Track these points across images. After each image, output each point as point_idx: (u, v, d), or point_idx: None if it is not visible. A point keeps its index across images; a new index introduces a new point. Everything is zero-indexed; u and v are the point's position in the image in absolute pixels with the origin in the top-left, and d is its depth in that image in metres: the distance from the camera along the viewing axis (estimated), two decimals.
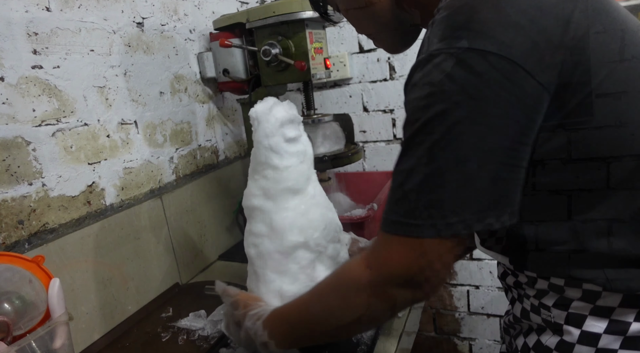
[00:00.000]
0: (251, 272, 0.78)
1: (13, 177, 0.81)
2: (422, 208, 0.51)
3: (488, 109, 0.48)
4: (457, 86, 0.48)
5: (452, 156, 0.49)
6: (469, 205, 0.50)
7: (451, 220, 0.50)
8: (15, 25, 0.81)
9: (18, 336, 0.67)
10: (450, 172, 0.50)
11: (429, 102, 0.50)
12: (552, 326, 0.60)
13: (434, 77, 0.50)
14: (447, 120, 0.49)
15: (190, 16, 1.27)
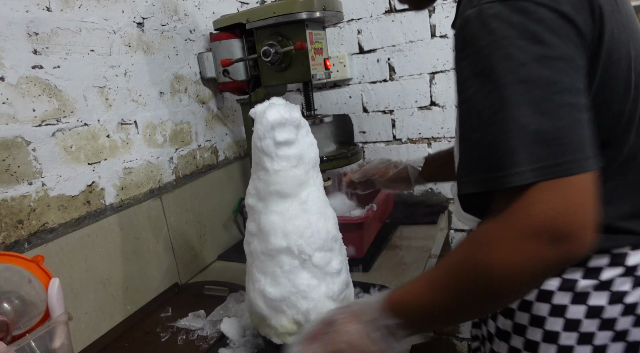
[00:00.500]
0: (247, 269, 0.79)
1: (13, 177, 0.81)
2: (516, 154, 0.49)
3: (550, 51, 0.50)
4: (519, 31, 0.50)
5: (525, 98, 0.49)
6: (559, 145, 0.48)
7: (556, 161, 0.48)
8: (16, 25, 0.81)
9: (17, 336, 0.67)
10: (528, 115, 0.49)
11: (491, 49, 0.51)
12: None
13: (493, 26, 0.51)
14: (512, 64, 0.50)
15: (190, 16, 1.27)
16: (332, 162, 1.17)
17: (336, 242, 0.76)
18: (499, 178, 0.50)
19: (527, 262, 0.49)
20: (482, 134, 0.52)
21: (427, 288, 0.58)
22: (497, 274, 0.50)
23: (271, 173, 0.71)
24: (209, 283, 1.13)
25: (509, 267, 0.50)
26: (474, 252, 0.53)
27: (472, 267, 0.52)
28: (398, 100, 1.54)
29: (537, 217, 0.48)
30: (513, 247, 0.49)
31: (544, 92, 0.49)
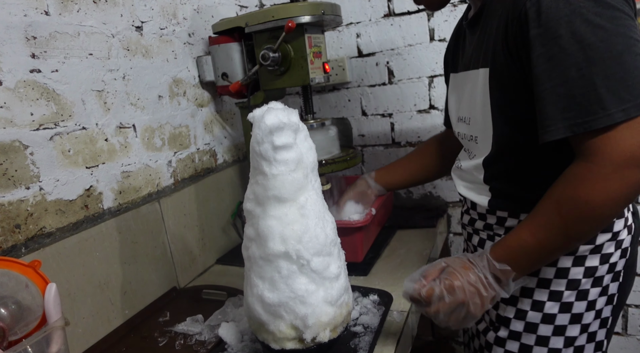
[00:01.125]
0: (245, 274, 0.79)
1: (10, 181, 0.80)
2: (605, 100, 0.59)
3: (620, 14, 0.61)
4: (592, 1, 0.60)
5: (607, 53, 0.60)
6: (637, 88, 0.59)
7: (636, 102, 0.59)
8: (14, 29, 0.81)
9: (14, 341, 0.67)
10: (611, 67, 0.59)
11: (570, 18, 0.60)
12: None
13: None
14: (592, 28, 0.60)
15: (189, 20, 1.27)
16: (331, 166, 1.17)
17: (335, 247, 0.76)
18: (591, 121, 0.60)
19: (623, 189, 0.61)
20: (570, 87, 0.61)
21: (531, 232, 0.69)
22: (600, 204, 0.62)
23: (269, 177, 0.71)
24: (207, 287, 1.12)
25: (608, 196, 0.62)
26: (575, 190, 0.64)
27: (576, 203, 0.64)
28: (397, 104, 1.54)
29: (625, 150, 0.60)
30: (609, 178, 0.61)
31: (622, 47, 0.59)
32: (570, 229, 0.66)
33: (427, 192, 1.58)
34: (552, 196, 0.67)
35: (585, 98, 0.60)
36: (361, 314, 0.91)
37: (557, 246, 0.69)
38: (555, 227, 0.66)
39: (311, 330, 0.72)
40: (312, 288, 0.72)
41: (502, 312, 0.84)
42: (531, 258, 0.70)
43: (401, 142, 1.57)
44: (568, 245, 0.70)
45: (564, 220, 0.65)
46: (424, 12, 1.43)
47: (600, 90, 0.59)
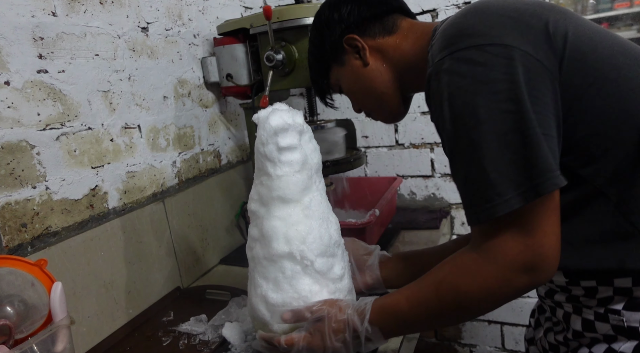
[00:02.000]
0: (249, 274, 0.79)
1: (17, 181, 0.81)
2: (498, 185, 0.54)
3: (501, 86, 0.54)
4: (469, 79, 0.56)
5: (491, 135, 0.55)
6: (528, 171, 0.54)
7: (521, 190, 0.54)
8: (22, 30, 0.82)
9: (20, 339, 0.67)
10: (497, 149, 0.54)
11: (450, 101, 0.57)
12: (626, 331, 0.62)
13: (446, 80, 0.57)
14: (473, 109, 0.55)
15: (194, 21, 1.28)
16: (334, 167, 1.17)
17: (338, 248, 0.76)
18: (489, 209, 0.55)
19: (506, 291, 0.57)
20: (466, 173, 0.58)
21: (408, 302, 0.65)
22: (477, 299, 0.59)
23: (274, 178, 0.71)
24: (211, 287, 1.13)
25: (488, 293, 0.58)
26: (457, 278, 0.60)
27: (455, 292, 0.60)
28: None
29: (513, 253, 0.55)
30: (493, 278, 0.57)
31: (506, 126, 0.54)
32: (444, 313, 0.63)
33: (431, 193, 1.58)
34: (434, 276, 0.64)
35: (479, 184, 0.56)
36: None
37: (430, 324, 0.70)
38: (431, 307, 0.63)
39: None
40: (316, 289, 0.72)
41: None
42: (401, 327, 0.68)
43: (405, 144, 1.58)
44: (440, 324, 0.72)
45: (440, 303, 0.62)
46: (428, 13, 1.43)
47: (492, 175, 0.54)
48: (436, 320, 0.67)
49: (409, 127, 1.55)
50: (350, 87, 0.84)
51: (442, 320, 0.67)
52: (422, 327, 0.71)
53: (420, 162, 1.57)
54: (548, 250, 0.55)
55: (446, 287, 0.61)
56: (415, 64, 0.74)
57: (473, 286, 0.58)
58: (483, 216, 0.56)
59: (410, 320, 0.66)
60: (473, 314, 0.64)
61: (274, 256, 0.72)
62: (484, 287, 0.58)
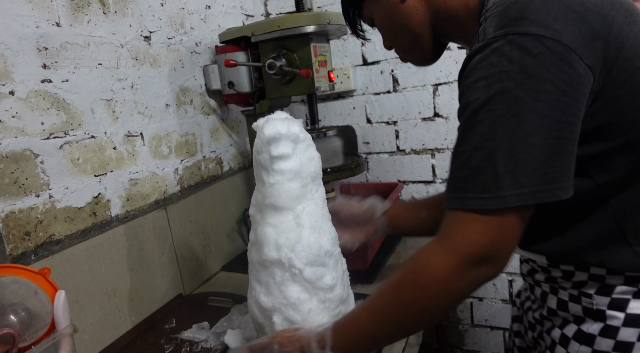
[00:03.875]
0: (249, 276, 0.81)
1: (21, 189, 0.82)
2: (491, 181, 0.54)
3: (545, 86, 0.53)
4: (516, 66, 0.53)
5: (515, 130, 0.53)
6: (536, 176, 0.53)
7: (522, 191, 0.53)
8: (26, 41, 0.83)
9: (23, 348, 0.68)
10: (515, 145, 0.53)
11: (489, 82, 0.55)
12: (594, 313, 0.65)
13: (493, 60, 0.55)
14: (509, 98, 0.53)
15: (196, 29, 1.29)
16: (336, 174, 1.18)
17: (330, 258, 0.76)
18: (482, 199, 0.54)
19: (465, 285, 0.57)
20: (471, 156, 0.56)
21: (368, 314, 0.64)
22: (435, 295, 0.58)
23: (267, 186, 0.72)
24: (213, 294, 1.13)
25: (444, 288, 0.57)
26: (416, 274, 0.59)
27: (413, 290, 0.59)
28: (402, 112, 1.55)
29: (478, 245, 0.55)
30: (450, 269, 0.56)
31: (533, 126, 0.53)
32: (407, 315, 0.61)
33: None
34: (396, 277, 0.62)
35: (482, 172, 0.55)
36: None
37: (394, 332, 0.64)
38: (393, 311, 0.61)
39: None
40: (305, 297, 0.72)
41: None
42: (366, 344, 0.65)
43: (406, 150, 1.58)
44: (405, 331, 0.66)
45: (400, 304, 0.61)
46: None
47: (499, 168, 0.54)
48: (398, 328, 0.63)
49: (409, 133, 1.56)
50: (384, 23, 0.79)
51: (404, 326, 0.63)
52: (386, 338, 0.66)
53: (422, 168, 1.57)
54: (509, 249, 0.57)
55: (405, 286, 0.60)
56: (456, 15, 0.71)
57: (431, 282, 0.58)
58: (471, 203, 0.55)
59: (372, 332, 0.63)
60: (433, 314, 0.62)
61: (265, 261, 0.73)
62: (442, 280, 0.57)
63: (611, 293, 0.64)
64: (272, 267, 0.72)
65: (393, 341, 0.70)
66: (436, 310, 0.61)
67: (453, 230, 0.57)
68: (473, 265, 0.56)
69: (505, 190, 0.53)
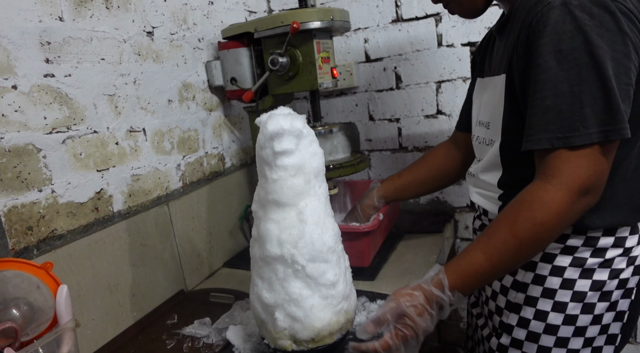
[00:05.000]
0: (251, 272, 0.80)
1: (23, 184, 0.82)
2: (588, 119, 0.62)
3: (619, 38, 0.62)
4: (597, 21, 0.62)
5: (599, 76, 0.62)
6: (613, 116, 0.62)
7: (607, 128, 0.62)
8: (29, 35, 0.83)
9: (25, 342, 0.68)
10: (598, 89, 0.62)
11: (573, 35, 0.62)
12: (528, 264, 0.79)
13: (576, 14, 0.62)
14: (592, 47, 0.62)
15: (199, 25, 1.29)
16: (338, 171, 1.17)
17: (333, 254, 0.75)
18: (570, 137, 0.63)
19: (573, 214, 0.66)
20: (557, 101, 0.64)
21: (485, 256, 0.70)
22: (552, 227, 0.66)
23: (270, 182, 0.72)
24: (215, 290, 1.13)
25: (560, 219, 0.65)
26: (532, 211, 0.66)
27: (532, 224, 0.66)
28: (404, 109, 1.54)
29: (582, 177, 0.64)
30: (564, 202, 0.65)
31: (613, 71, 0.62)
32: (523, 250, 0.68)
33: (434, 197, 1.58)
34: (508, 216, 0.69)
35: (570, 113, 0.63)
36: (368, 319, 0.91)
37: (508, 267, 0.72)
38: (510, 248, 0.68)
39: (304, 334, 0.72)
40: (307, 293, 0.72)
41: (505, 318, 0.84)
42: (481, 281, 0.72)
43: (408, 147, 1.58)
44: (516, 266, 0.73)
45: (519, 241, 0.67)
46: (432, 17, 1.43)
47: (585, 109, 0.62)
48: (515, 262, 0.70)
49: (412, 131, 1.55)
50: None
51: (521, 260, 0.71)
52: (502, 273, 0.76)
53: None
54: (604, 178, 0.66)
55: (522, 223, 0.67)
56: None
57: (549, 215, 0.65)
58: (562, 142, 0.63)
59: (490, 269, 0.70)
60: (548, 244, 0.70)
61: (267, 257, 0.73)
62: (558, 214, 0.65)
63: (544, 248, 0.76)
64: (275, 263, 0.72)
65: (506, 274, 0.81)
66: (550, 241, 0.69)
67: (556, 167, 0.65)
68: (581, 195, 0.65)
69: (591, 128, 0.62)
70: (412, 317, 0.71)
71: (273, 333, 0.74)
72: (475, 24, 1.38)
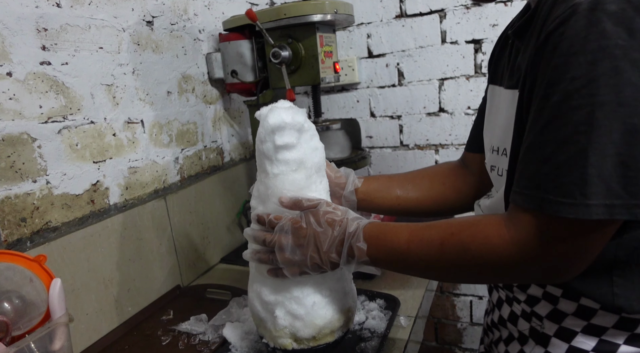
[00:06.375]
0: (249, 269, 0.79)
1: (17, 174, 0.80)
2: (577, 185, 0.44)
3: None
4: (636, 42, 0.42)
5: (620, 123, 0.42)
6: (634, 184, 0.43)
7: (613, 202, 0.43)
8: (25, 21, 0.80)
9: (17, 336, 0.66)
10: (617, 143, 0.42)
11: (594, 57, 0.43)
12: (539, 336, 0.62)
13: (607, 27, 0.42)
14: (618, 81, 0.42)
15: (200, 16, 1.26)
16: (338, 167, 1.16)
17: None
18: (560, 205, 0.45)
19: (520, 274, 0.53)
20: (558, 150, 0.46)
21: (408, 239, 0.59)
22: (487, 269, 0.54)
23: (270, 176, 0.70)
24: (212, 286, 1.11)
25: (500, 269, 0.53)
26: (471, 239, 0.53)
27: (461, 250, 0.54)
28: (406, 106, 1.53)
29: (555, 252, 0.48)
30: (510, 259, 0.51)
31: (618, 129, 0.42)
32: (441, 261, 0.57)
33: None
34: (454, 226, 0.56)
35: (566, 171, 0.45)
36: (367, 318, 0.90)
37: (421, 267, 0.60)
38: (432, 249, 0.57)
39: (305, 332, 0.71)
40: (309, 290, 0.71)
41: None
42: (391, 259, 0.61)
43: (409, 145, 1.56)
44: (432, 273, 0.62)
45: (442, 250, 0.56)
46: (436, 14, 1.41)
47: (590, 170, 0.43)
48: (432, 266, 0.59)
49: (413, 128, 1.54)
50: None
51: (439, 270, 0.59)
52: (414, 269, 0.62)
53: (425, 163, 1.55)
54: (579, 265, 0.50)
55: (455, 240, 0.55)
56: None
57: (485, 256, 0.52)
58: (547, 207, 0.46)
59: (405, 256, 0.59)
60: (472, 278, 0.61)
61: None
62: (495, 262, 0.52)
63: (561, 322, 0.59)
64: None
65: (417, 275, 0.66)
66: (475, 278, 0.61)
67: (530, 224, 0.49)
68: (532, 264, 0.50)
69: (591, 198, 0.43)
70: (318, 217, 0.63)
71: (273, 332, 0.72)
72: (480, 22, 1.37)
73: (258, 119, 0.72)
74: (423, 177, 0.89)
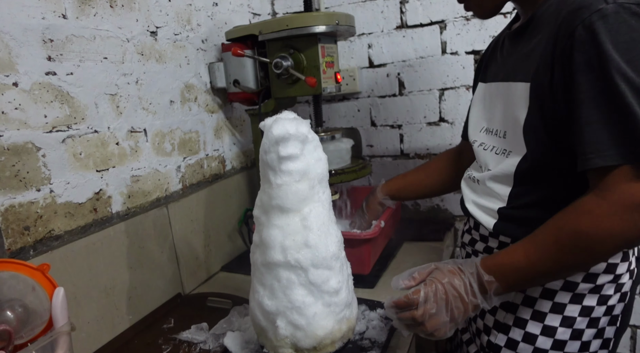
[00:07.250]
0: (251, 278, 0.79)
1: (22, 183, 0.80)
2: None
3: None
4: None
5: None
6: None
7: None
8: (32, 32, 0.81)
9: (19, 345, 0.66)
10: None
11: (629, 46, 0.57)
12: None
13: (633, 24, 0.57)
14: None
15: (203, 26, 1.28)
16: (340, 176, 1.17)
17: (336, 261, 0.74)
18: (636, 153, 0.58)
19: (628, 231, 0.60)
20: (618, 116, 0.58)
21: (524, 253, 0.67)
22: (599, 240, 0.62)
23: (274, 187, 0.71)
24: (213, 294, 1.11)
25: (610, 234, 0.61)
26: (579, 221, 0.63)
27: (576, 235, 0.63)
28: (407, 116, 1.54)
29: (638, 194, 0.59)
30: (617, 217, 0.60)
31: None
32: (563, 258, 0.65)
33: (435, 204, 1.57)
34: (554, 222, 0.66)
35: (633, 127, 0.58)
36: (368, 328, 0.90)
37: (548, 271, 0.68)
38: (550, 252, 0.65)
39: (306, 342, 0.71)
40: (310, 301, 0.71)
41: (493, 338, 0.82)
42: (519, 278, 0.69)
43: (410, 154, 1.57)
44: (559, 272, 0.69)
45: (559, 247, 0.64)
46: (437, 25, 1.43)
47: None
48: (555, 268, 0.67)
49: (414, 138, 1.55)
50: None
51: (562, 268, 0.67)
52: (542, 278, 0.71)
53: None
54: None
55: (566, 231, 0.64)
56: None
57: (596, 228, 0.61)
58: (636, 157, 0.58)
59: (528, 270, 0.67)
60: (594, 258, 0.67)
61: (270, 264, 0.72)
62: (607, 228, 0.60)
63: None
64: (277, 269, 0.71)
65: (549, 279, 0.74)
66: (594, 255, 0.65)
67: (615, 184, 0.60)
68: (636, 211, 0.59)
69: None
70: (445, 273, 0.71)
71: (274, 342, 0.72)
72: (480, 33, 1.38)
73: (262, 129, 0.73)
74: (427, 169, 1.18)
